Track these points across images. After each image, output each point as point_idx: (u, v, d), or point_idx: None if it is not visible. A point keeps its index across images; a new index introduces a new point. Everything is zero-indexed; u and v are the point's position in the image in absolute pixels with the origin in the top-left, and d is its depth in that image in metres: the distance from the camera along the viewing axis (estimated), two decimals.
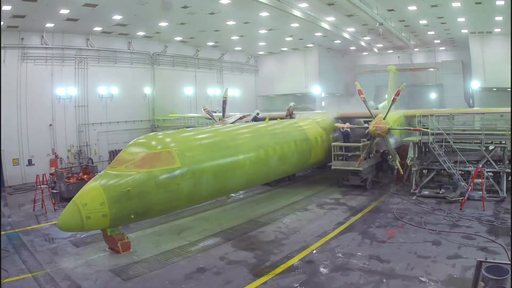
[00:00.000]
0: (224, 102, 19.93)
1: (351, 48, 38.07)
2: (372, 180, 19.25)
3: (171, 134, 13.87)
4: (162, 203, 11.48)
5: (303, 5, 22.29)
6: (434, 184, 17.69)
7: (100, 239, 12.03)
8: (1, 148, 21.69)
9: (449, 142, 16.55)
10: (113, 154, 25.50)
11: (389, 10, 24.13)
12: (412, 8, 23.16)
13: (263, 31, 28.81)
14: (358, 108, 21.07)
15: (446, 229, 12.62)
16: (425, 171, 18.18)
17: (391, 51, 39.72)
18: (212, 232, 13.27)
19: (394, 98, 17.03)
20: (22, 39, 23.02)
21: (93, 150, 26.49)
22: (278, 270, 10.00)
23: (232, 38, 31.09)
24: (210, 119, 21.63)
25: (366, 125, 19.44)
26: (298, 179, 22.06)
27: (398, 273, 9.51)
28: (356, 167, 17.93)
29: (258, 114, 21.31)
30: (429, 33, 30.63)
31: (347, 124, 18.82)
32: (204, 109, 20.92)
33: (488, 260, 7.40)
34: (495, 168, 16.19)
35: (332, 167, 18.89)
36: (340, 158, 18.78)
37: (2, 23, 19.46)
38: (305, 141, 18.25)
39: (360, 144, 18.24)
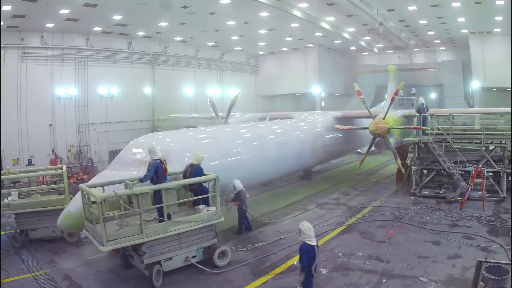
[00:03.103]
0: (232, 105, 19.95)
1: (351, 48, 38.07)
2: None
3: (171, 134, 13.87)
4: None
5: (303, 5, 22.28)
6: (434, 184, 17.67)
7: None
8: (1, 148, 21.68)
9: (449, 142, 16.56)
10: (113, 154, 25.48)
11: (389, 10, 24.12)
12: (412, 8, 23.16)
13: (263, 31, 28.81)
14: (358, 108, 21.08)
15: (446, 229, 12.62)
16: (425, 171, 18.19)
17: (391, 51, 39.73)
18: None
19: (392, 97, 17.12)
20: (22, 39, 23.01)
21: (93, 150, 26.50)
22: (278, 270, 10.00)
23: (232, 38, 31.08)
24: (211, 117, 21.53)
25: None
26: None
27: (398, 273, 9.51)
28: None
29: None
30: (429, 33, 30.63)
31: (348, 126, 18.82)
32: (209, 102, 20.76)
33: (488, 260, 7.40)
34: (495, 168, 16.19)
35: None
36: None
37: (2, 23, 19.45)
38: (306, 141, 18.25)
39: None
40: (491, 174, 16.68)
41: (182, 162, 11.48)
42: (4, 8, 17.88)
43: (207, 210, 9.95)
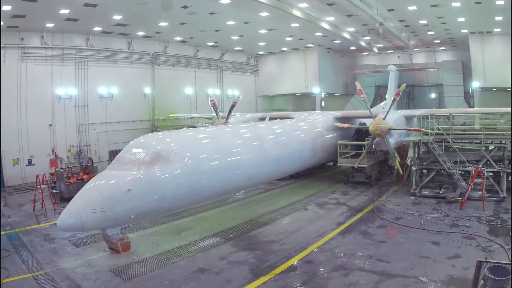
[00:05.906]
0: (233, 106, 19.97)
1: (351, 48, 38.06)
2: (376, 177, 19.93)
3: (170, 134, 13.87)
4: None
5: (303, 5, 22.26)
6: (434, 184, 17.69)
7: (100, 239, 12.04)
8: (1, 148, 21.67)
9: (449, 142, 16.56)
10: (113, 154, 25.50)
11: (389, 10, 24.10)
12: (412, 8, 23.15)
13: (263, 31, 28.79)
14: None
15: (446, 229, 12.63)
16: (425, 171, 18.17)
17: (391, 51, 39.74)
18: (212, 232, 13.27)
19: (394, 98, 17.24)
20: (22, 39, 23.00)
21: (93, 150, 26.50)
22: (278, 270, 9.99)
23: (232, 38, 31.06)
24: (212, 117, 21.48)
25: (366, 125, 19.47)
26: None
27: (398, 273, 9.51)
28: (356, 166, 18.10)
29: None
30: (429, 33, 30.61)
31: (347, 124, 18.94)
32: (210, 101, 20.75)
33: (488, 260, 7.38)
34: (495, 168, 16.19)
35: (338, 164, 19.85)
36: (345, 156, 19.44)
37: (2, 23, 19.45)
38: (306, 141, 18.25)
39: (365, 142, 18.46)
40: (491, 174, 16.69)
41: (182, 162, 11.49)
42: (4, 8, 17.85)
43: None
